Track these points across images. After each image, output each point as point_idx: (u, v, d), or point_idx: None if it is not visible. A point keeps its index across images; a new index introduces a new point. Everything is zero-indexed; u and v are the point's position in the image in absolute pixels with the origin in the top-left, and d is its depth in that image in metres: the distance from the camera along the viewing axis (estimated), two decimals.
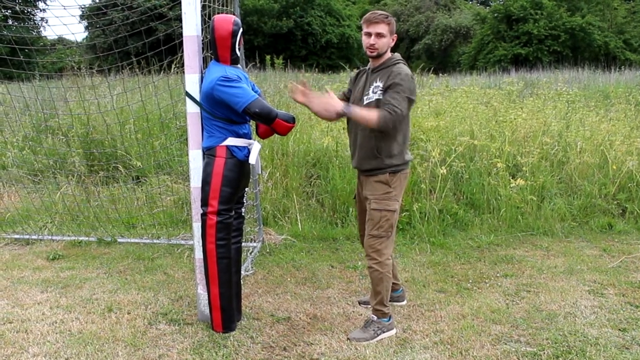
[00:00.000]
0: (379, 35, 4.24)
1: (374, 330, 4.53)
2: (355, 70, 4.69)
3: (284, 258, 6.42)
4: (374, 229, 4.42)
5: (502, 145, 8.31)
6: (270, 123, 4.35)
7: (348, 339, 4.53)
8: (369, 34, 4.27)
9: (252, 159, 4.46)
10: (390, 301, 5.06)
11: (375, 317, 4.59)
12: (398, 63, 4.29)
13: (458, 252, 6.60)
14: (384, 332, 4.55)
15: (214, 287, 4.51)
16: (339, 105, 4.18)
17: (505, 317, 4.87)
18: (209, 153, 4.41)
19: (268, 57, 19.57)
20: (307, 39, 51.25)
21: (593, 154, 8.45)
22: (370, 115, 4.12)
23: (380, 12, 4.30)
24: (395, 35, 4.36)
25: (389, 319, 4.60)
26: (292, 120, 4.47)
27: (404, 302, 5.19)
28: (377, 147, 4.32)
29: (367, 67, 4.53)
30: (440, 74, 19.67)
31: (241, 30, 4.42)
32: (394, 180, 4.36)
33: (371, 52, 4.31)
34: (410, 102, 4.20)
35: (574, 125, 9.75)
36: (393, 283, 4.96)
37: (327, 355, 4.28)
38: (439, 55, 57.06)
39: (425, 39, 57.16)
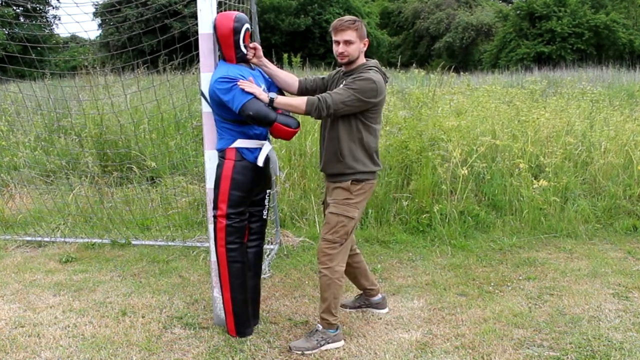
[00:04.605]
0: (347, 42, 4.14)
1: (317, 340, 4.37)
2: (336, 69, 4.58)
3: (302, 260, 6.35)
4: (329, 233, 4.31)
5: (524, 145, 8.20)
6: (267, 127, 4.22)
7: (289, 346, 4.40)
8: (337, 42, 4.18)
9: (260, 161, 4.31)
10: (368, 307, 5.02)
11: (320, 327, 4.42)
12: (370, 70, 4.18)
13: (479, 254, 6.51)
14: (328, 342, 4.38)
15: (226, 291, 4.46)
16: (264, 96, 4.16)
17: (527, 321, 4.79)
18: (220, 155, 4.34)
19: (286, 55, 19.62)
20: (326, 36, 51.03)
21: (617, 154, 8.30)
22: (298, 102, 4.13)
23: (347, 18, 4.18)
24: (367, 40, 4.23)
25: (336, 330, 4.43)
26: (295, 125, 4.29)
27: (385, 310, 5.02)
28: (340, 150, 4.22)
29: (342, 69, 4.42)
30: (462, 73, 19.62)
31: (246, 26, 4.24)
32: (357, 189, 4.27)
33: (341, 59, 4.22)
34: (360, 101, 4.06)
35: (598, 125, 9.63)
36: (369, 288, 4.92)
37: (345, 359, 4.22)
38: (460, 54, 56.86)
39: (446, 37, 56.91)
